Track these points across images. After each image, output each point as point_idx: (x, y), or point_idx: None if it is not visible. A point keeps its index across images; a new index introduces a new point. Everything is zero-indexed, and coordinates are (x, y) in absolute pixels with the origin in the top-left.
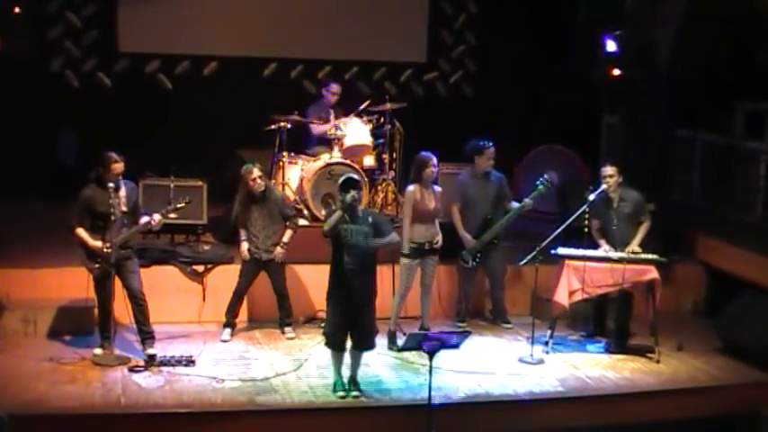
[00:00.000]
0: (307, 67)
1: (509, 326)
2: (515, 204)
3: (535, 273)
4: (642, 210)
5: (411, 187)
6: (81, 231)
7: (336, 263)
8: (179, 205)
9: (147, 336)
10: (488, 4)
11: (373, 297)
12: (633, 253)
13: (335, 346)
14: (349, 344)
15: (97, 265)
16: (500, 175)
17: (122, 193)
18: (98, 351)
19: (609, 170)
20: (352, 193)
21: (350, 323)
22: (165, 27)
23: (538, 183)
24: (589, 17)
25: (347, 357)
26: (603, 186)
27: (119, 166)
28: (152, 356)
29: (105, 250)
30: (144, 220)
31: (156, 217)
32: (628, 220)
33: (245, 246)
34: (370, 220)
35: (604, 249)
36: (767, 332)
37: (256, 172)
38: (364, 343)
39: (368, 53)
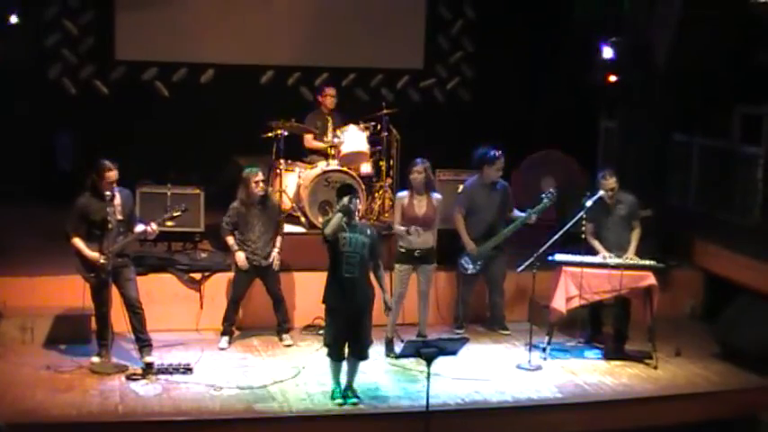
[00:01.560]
0: (304, 74)
1: (506, 332)
2: (518, 214)
3: (533, 279)
4: (636, 213)
5: (401, 193)
6: (78, 241)
7: (335, 272)
8: (175, 213)
9: (144, 344)
10: (485, 9)
11: (371, 305)
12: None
13: (336, 356)
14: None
15: (94, 275)
16: (505, 184)
17: (117, 201)
18: (95, 359)
19: (611, 183)
20: (349, 196)
21: (348, 332)
22: (161, 35)
23: (543, 196)
24: (586, 21)
25: (345, 364)
26: (601, 193)
27: (112, 174)
28: (149, 364)
29: (102, 261)
30: (140, 228)
31: (153, 226)
32: (622, 223)
33: (241, 255)
34: (368, 231)
35: (602, 256)
36: (764, 336)
37: (261, 175)
38: (361, 352)
39: (365, 60)
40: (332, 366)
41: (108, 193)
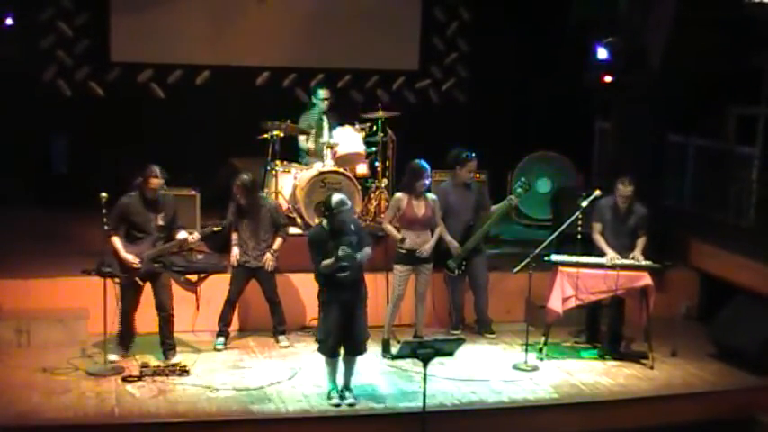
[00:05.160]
0: (299, 75)
1: (492, 336)
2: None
3: (529, 280)
4: (644, 225)
5: (398, 194)
6: (116, 240)
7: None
8: (215, 228)
9: (168, 347)
10: (480, 10)
11: (364, 301)
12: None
13: (328, 351)
14: (342, 351)
15: (126, 275)
16: (478, 183)
17: (161, 207)
18: (113, 357)
19: (628, 190)
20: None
21: (343, 330)
22: (157, 36)
23: (516, 185)
24: (581, 21)
25: (341, 365)
26: (597, 193)
27: (157, 182)
28: (146, 365)
29: (135, 265)
30: (182, 235)
31: (195, 235)
32: (627, 232)
33: (235, 250)
34: (353, 228)
35: (609, 256)
36: (760, 336)
37: (243, 182)
38: (357, 349)
39: (360, 61)
40: (327, 366)
41: (152, 197)
